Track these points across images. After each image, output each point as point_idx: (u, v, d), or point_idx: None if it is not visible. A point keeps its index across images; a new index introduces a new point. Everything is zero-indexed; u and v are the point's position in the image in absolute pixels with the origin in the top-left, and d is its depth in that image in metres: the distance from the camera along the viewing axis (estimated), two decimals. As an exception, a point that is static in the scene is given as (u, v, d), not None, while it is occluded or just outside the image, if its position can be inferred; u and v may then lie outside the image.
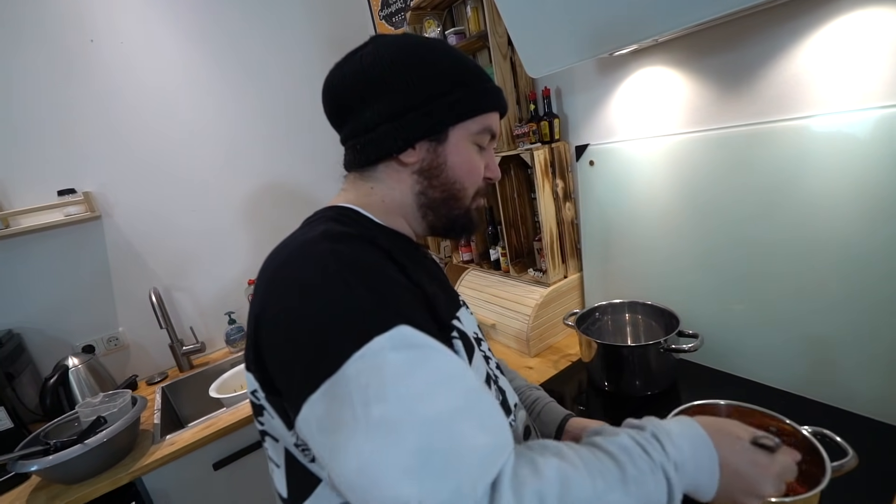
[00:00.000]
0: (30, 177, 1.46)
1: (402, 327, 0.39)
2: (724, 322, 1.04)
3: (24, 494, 1.13)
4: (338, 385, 0.37)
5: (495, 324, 1.44)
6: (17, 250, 1.46)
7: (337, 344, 0.38)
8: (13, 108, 1.42)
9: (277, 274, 0.44)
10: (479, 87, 0.57)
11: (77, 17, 1.49)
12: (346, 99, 0.56)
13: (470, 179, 0.59)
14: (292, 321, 0.41)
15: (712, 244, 1.02)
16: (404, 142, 0.55)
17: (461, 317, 0.58)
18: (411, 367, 0.38)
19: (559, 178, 1.31)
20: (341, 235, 0.46)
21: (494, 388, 0.57)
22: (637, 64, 1.09)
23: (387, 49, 0.55)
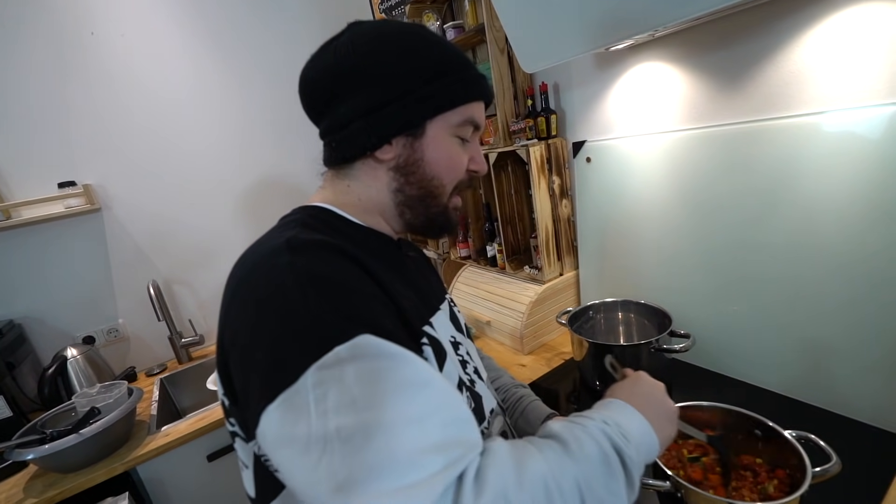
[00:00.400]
0: (30, 169, 1.48)
1: (364, 336, 0.38)
2: (720, 323, 1.02)
3: (21, 482, 1.15)
4: (296, 396, 0.36)
5: (490, 321, 1.44)
6: (18, 241, 1.48)
7: (295, 355, 0.37)
8: (13, 99, 1.43)
9: (239, 287, 0.44)
10: (459, 76, 0.54)
11: (78, 10, 1.50)
12: (320, 93, 0.55)
13: (449, 175, 0.57)
14: (251, 336, 0.40)
15: (709, 244, 1.01)
16: (378, 138, 0.53)
17: (435, 322, 0.56)
18: (373, 377, 0.37)
19: (556, 175, 1.30)
20: (305, 245, 0.44)
21: (467, 394, 0.55)
22: (634, 59, 1.07)
23: (361, 38, 0.52)
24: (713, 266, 1.01)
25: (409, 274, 0.60)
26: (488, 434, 0.58)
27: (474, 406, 0.56)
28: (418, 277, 0.63)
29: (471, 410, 0.53)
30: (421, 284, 0.62)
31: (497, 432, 0.61)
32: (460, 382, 0.55)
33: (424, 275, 0.69)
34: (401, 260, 0.61)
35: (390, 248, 0.60)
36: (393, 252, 0.60)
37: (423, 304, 0.57)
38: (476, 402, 0.57)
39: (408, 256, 0.64)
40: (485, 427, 0.57)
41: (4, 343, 1.35)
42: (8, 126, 1.44)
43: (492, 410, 0.61)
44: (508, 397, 0.81)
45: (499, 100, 1.28)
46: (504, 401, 0.81)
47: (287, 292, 0.40)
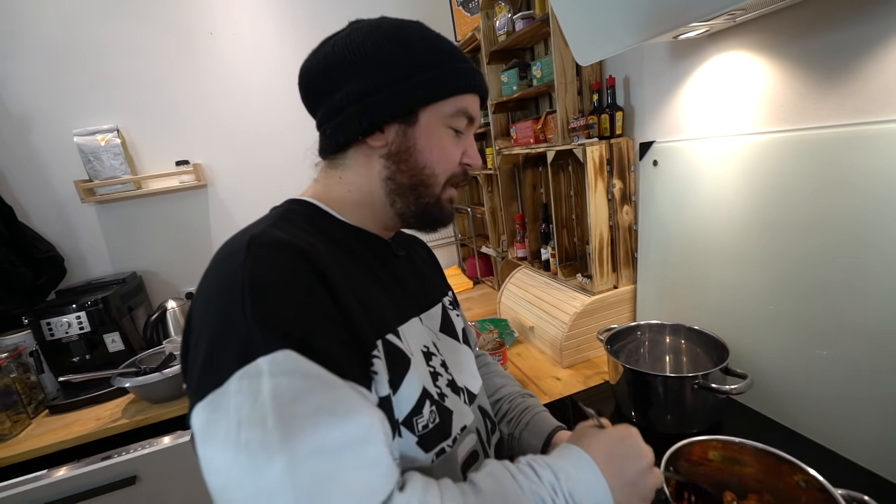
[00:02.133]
0: (156, 148, 1.78)
1: (285, 352, 0.38)
2: (792, 368, 0.85)
3: (122, 404, 1.41)
4: (220, 399, 0.38)
5: (534, 326, 1.38)
6: (144, 208, 1.80)
7: (223, 359, 0.39)
8: (148, 89, 1.73)
9: (203, 278, 0.46)
10: (452, 67, 0.54)
11: (202, 13, 1.75)
12: (317, 83, 0.56)
13: (442, 165, 0.56)
14: (197, 330, 0.43)
15: (790, 273, 0.84)
16: (370, 123, 0.53)
17: (404, 331, 0.54)
18: (286, 397, 0.37)
19: (617, 178, 1.18)
20: (270, 243, 0.45)
21: (433, 407, 0.53)
22: (713, 49, 0.92)
23: (359, 32, 0.54)
24: (791, 299, 0.84)
25: (394, 276, 0.59)
26: (450, 453, 0.54)
27: (438, 421, 0.53)
28: (407, 279, 0.62)
29: (433, 425, 0.52)
30: (407, 287, 0.61)
31: (466, 452, 0.58)
32: (425, 395, 0.52)
33: (417, 275, 0.66)
34: (384, 261, 0.59)
35: (377, 248, 0.59)
36: (378, 252, 0.59)
37: (396, 312, 0.55)
38: (442, 416, 0.54)
39: (397, 256, 0.62)
40: (448, 444, 0.54)
41: (127, 289, 1.66)
42: (143, 111, 1.74)
43: (463, 427, 0.58)
44: (512, 407, 0.77)
45: (559, 94, 1.20)
46: (508, 411, 0.77)
47: (231, 294, 0.41)
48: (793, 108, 0.80)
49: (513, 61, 1.47)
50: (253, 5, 1.80)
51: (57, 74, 1.63)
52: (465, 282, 2.13)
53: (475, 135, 1.89)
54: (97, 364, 1.49)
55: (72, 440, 1.28)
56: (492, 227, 1.86)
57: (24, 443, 1.27)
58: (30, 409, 1.39)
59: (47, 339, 1.42)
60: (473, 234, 2.09)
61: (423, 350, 0.57)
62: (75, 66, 1.64)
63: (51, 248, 1.64)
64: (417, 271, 0.68)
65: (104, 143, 1.65)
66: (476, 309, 1.84)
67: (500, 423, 0.76)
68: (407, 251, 0.68)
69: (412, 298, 0.61)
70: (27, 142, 1.64)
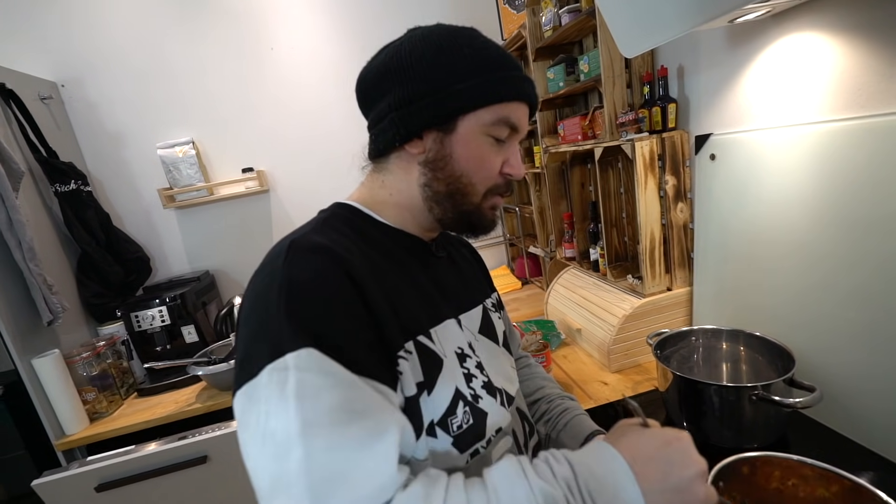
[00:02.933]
0: (225, 156, 1.94)
1: (310, 350, 0.41)
2: (871, 381, 0.76)
3: (196, 390, 1.55)
4: (254, 389, 0.41)
5: (581, 329, 1.34)
6: (215, 212, 1.97)
7: (258, 352, 0.42)
8: (218, 102, 1.90)
9: (252, 277, 0.50)
10: (496, 75, 0.54)
11: (265, 30, 1.88)
12: (370, 89, 0.58)
13: (479, 174, 0.56)
14: (241, 324, 0.47)
15: (868, 275, 0.75)
16: (407, 130, 0.54)
17: (438, 332, 0.55)
18: (308, 392, 0.39)
19: (670, 175, 1.12)
20: (307, 247, 0.48)
21: (466, 408, 0.53)
22: (777, 31, 0.84)
23: (411, 39, 0.55)
24: (871, 305, 0.75)
25: (432, 277, 0.60)
26: (486, 454, 0.55)
27: (472, 423, 0.54)
28: (447, 280, 0.63)
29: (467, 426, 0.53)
30: (446, 288, 0.62)
31: (501, 453, 0.58)
32: (458, 396, 0.53)
33: (458, 276, 0.67)
34: (424, 262, 0.61)
35: (416, 249, 0.61)
36: (417, 253, 0.61)
37: (430, 313, 0.56)
38: (476, 418, 0.54)
39: (437, 257, 0.64)
40: (482, 446, 0.55)
41: (201, 286, 1.83)
42: (213, 124, 1.91)
43: (499, 430, 0.58)
44: (551, 408, 0.76)
45: (607, 88, 1.16)
46: (546, 412, 0.76)
47: (269, 294, 0.45)
48: (873, 92, 0.72)
49: (559, 56, 1.43)
50: (308, 20, 1.91)
51: (143, 94, 1.83)
52: (513, 282, 2.11)
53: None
54: (176, 353, 1.66)
55: (155, 420, 1.43)
56: (540, 226, 1.83)
57: (118, 420, 1.45)
58: (122, 391, 1.58)
59: (136, 330, 1.61)
60: (522, 234, 2.06)
61: (458, 352, 0.57)
62: (158, 85, 1.84)
63: (139, 250, 1.84)
64: (459, 272, 0.68)
65: (182, 155, 1.83)
66: (523, 310, 1.81)
67: (537, 424, 0.75)
68: (449, 252, 0.69)
69: (450, 299, 0.62)
70: (120, 156, 1.86)
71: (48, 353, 1.37)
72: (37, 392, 1.35)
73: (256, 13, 1.86)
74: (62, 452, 1.39)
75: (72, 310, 1.56)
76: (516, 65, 0.56)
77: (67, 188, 1.59)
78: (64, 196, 1.59)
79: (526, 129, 0.59)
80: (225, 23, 1.85)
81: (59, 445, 1.37)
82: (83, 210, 1.63)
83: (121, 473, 1.29)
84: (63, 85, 1.77)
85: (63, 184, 1.58)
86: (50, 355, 1.36)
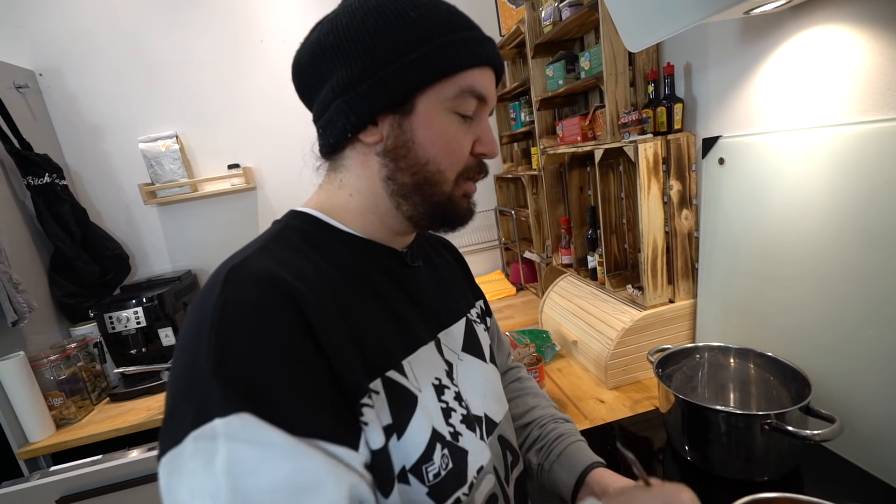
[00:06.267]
0: (210, 152, 1.86)
1: (242, 415, 0.34)
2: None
3: (171, 396, 1.47)
4: (177, 459, 0.34)
5: (577, 341, 1.26)
6: (199, 209, 1.89)
7: (182, 414, 0.35)
8: (201, 96, 1.82)
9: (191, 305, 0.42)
10: (451, 37, 0.44)
11: (254, 21, 1.81)
12: (307, 74, 0.49)
13: (447, 158, 0.48)
14: (172, 365, 0.40)
15: (893, 293, 0.68)
16: (358, 117, 0.45)
17: (411, 364, 0.48)
18: (242, 468, 0.33)
19: (675, 179, 1.05)
20: (248, 277, 0.40)
21: (445, 450, 0.47)
22: (797, 24, 0.77)
23: (347, 8, 0.46)
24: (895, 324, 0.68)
25: (407, 293, 0.53)
26: (469, 500, 0.48)
27: (452, 467, 0.47)
28: (424, 293, 0.55)
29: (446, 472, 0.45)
30: (423, 303, 0.54)
31: (484, 496, 0.50)
32: (435, 437, 0.46)
33: (439, 287, 0.60)
34: (396, 276, 0.53)
35: (386, 261, 0.53)
36: (387, 266, 0.52)
37: (402, 340, 0.49)
38: (456, 460, 0.47)
39: (411, 268, 0.55)
40: (464, 493, 0.47)
41: (182, 286, 1.75)
42: (199, 118, 1.83)
43: (480, 468, 0.50)
44: (544, 434, 0.68)
45: (608, 86, 1.09)
46: (539, 438, 0.69)
47: (198, 338, 0.37)
48: (904, 91, 0.65)
49: (559, 53, 1.36)
50: (300, 11, 1.84)
51: (125, 86, 1.76)
52: (507, 287, 2.03)
53: (516, 135, 1.80)
54: (153, 356, 1.58)
55: (125, 428, 1.36)
56: (536, 231, 1.76)
57: (86, 427, 1.37)
58: (93, 395, 1.50)
59: (109, 332, 1.53)
60: (517, 238, 1.99)
61: (434, 383, 0.50)
62: (141, 77, 1.77)
63: (118, 247, 1.77)
64: (439, 282, 0.60)
65: (164, 149, 1.75)
66: (517, 317, 1.74)
67: (528, 451, 0.68)
68: (429, 259, 0.61)
69: (429, 316, 0.55)
70: (100, 149, 1.78)
71: (12, 355, 1.29)
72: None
73: (246, 3, 1.79)
74: (24, 461, 1.31)
75: (42, 310, 1.49)
76: (473, 24, 0.47)
77: (41, 181, 1.51)
78: (37, 189, 1.51)
79: (494, 99, 0.50)
80: (213, 13, 1.77)
81: (21, 454, 1.30)
82: (58, 204, 1.55)
83: (84, 486, 1.21)
84: (41, 74, 1.70)
85: (36, 176, 1.51)
86: (13, 358, 1.28)
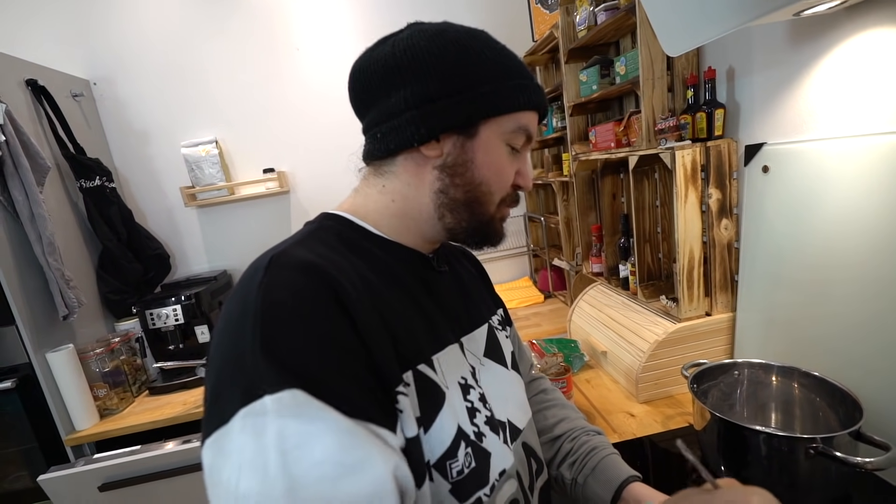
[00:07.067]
0: (247, 156, 1.93)
1: (293, 391, 0.35)
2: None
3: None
4: (224, 439, 0.35)
5: (607, 352, 1.23)
6: (236, 212, 1.96)
7: (228, 394, 0.36)
8: (241, 103, 1.89)
9: (228, 296, 0.44)
10: (517, 82, 0.51)
11: (290, 30, 1.87)
12: (373, 84, 0.52)
13: (497, 183, 0.53)
14: (211, 354, 0.41)
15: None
16: (428, 131, 0.49)
17: (440, 361, 0.49)
18: (292, 442, 0.34)
19: (714, 187, 1.01)
20: (291, 264, 0.42)
21: (468, 449, 0.47)
22: (852, 26, 0.73)
23: (422, 35, 0.50)
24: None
25: (433, 295, 0.54)
26: (490, 501, 0.48)
27: (475, 466, 0.47)
28: (448, 298, 0.57)
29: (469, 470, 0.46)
30: (448, 307, 0.56)
31: (505, 501, 0.50)
32: (460, 435, 0.47)
33: (462, 293, 0.61)
34: (423, 279, 0.55)
35: (415, 264, 0.55)
36: (416, 269, 0.55)
37: (432, 338, 0.50)
38: (479, 460, 0.48)
39: (438, 272, 0.58)
40: (485, 493, 0.48)
41: (218, 285, 1.82)
42: (237, 124, 1.91)
43: (503, 472, 0.51)
44: (576, 447, 0.67)
45: (645, 91, 1.06)
46: (570, 452, 0.67)
47: (243, 321, 0.38)
48: (973, 96, 0.60)
49: (593, 58, 1.34)
50: (336, 20, 1.88)
51: (170, 93, 1.85)
52: (535, 295, 2.01)
53: (547, 141, 1.78)
54: (189, 352, 1.64)
55: (162, 421, 1.41)
56: (566, 238, 1.73)
57: (127, 419, 1.44)
58: (134, 388, 1.57)
59: (150, 328, 1.60)
60: (546, 245, 1.96)
61: (461, 382, 0.51)
62: (185, 85, 1.85)
63: (159, 247, 1.85)
64: (462, 288, 0.62)
65: (205, 154, 1.83)
66: (545, 325, 1.71)
67: (560, 466, 0.67)
68: (451, 266, 0.63)
69: (453, 320, 0.56)
70: (146, 153, 1.88)
71: (62, 347, 1.37)
72: (49, 386, 1.35)
73: (284, 13, 1.85)
74: (71, 448, 1.39)
75: (90, 305, 1.57)
76: (531, 74, 0.54)
77: (92, 184, 1.61)
78: (88, 192, 1.60)
79: (536, 139, 0.57)
80: (252, 23, 1.84)
81: (69, 441, 1.37)
82: (106, 206, 1.64)
83: (124, 474, 1.27)
84: (95, 83, 1.81)
85: (88, 180, 1.60)
86: (64, 350, 1.36)
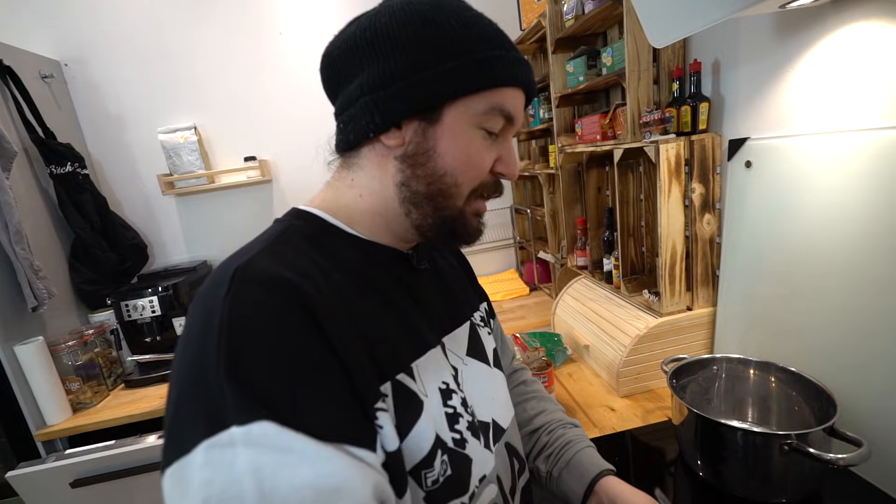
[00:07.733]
0: (227, 144, 1.88)
1: (262, 423, 0.32)
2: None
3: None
4: (185, 471, 0.32)
5: (589, 345, 1.23)
6: (215, 201, 1.91)
7: (191, 422, 0.33)
8: (221, 88, 1.83)
9: (189, 309, 0.40)
10: (490, 54, 0.44)
11: (273, 13, 1.81)
12: (336, 69, 0.48)
13: (466, 173, 0.47)
14: (174, 362, 0.37)
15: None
16: (383, 119, 0.45)
17: (419, 368, 0.47)
18: (267, 472, 0.32)
19: (697, 182, 1.00)
20: (256, 278, 0.38)
21: (445, 457, 0.45)
22: (838, 19, 0.72)
23: (386, 11, 0.45)
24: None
25: (413, 296, 0.52)
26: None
27: (450, 474, 0.45)
28: (429, 297, 0.54)
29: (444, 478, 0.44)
30: (429, 307, 0.53)
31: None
32: (437, 443, 0.45)
33: (443, 290, 0.58)
34: (401, 279, 0.51)
35: (392, 264, 0.51)
36: (394, 269, 0.51)
37: (412, 343, 0.48)
38: (457, 467, 0.46)
39: (417, 270, 0.54)
40: (463, 502, 0.46)
41: (196, 277, 1.78)
42: (217, 110, 1.85)
43: (483, 478, 0.49)
44: (552, 440, 0.66)
45: (630, 83, 1.05)
46: (546, 445, 0.66)
47: (205, 343, 0.35)
48: (954, 93, 0.60)
49: (580, 48, 1.32)
50: (319, 5, 1.83)
51: (147, 77, 1.78)
52: (521, 287, 2.00)
53: (534, 132, 1.76)
54: (167, 345, 1.60)
55: (138, 415, 1.38)
56: (551, 231, 1.72)
57: (101, 413, 1.40)
58: (109, 381, 1.53)
59: (126, 320, 1.55)
60: (532, 238, 1.96)
61: (442, 387, 0.48)
62: (162, 68, 1.78)
63: (136, 236, 1.80)
64: (444, 285, 0.59)
65: (183, 140, 1.77)
66: (529, 318, 1.71)
67: (536, 459, 0.66)
68: (433, 261, 0.60)
69: (434, 320, 0.53)
70: (121, 139, 1.81)
71: (31, 340, 1.32)
72: (18, 380, 1.31)
73: (265, -4, 1.79)
74: (42, 443, 1.35)
75: (62, 296, 1.52)
76: (512, 44, 0.47)
77: (63, 170, 1.54)
78: (59, 178, 1.54)
79: (521, 121, 0.49)
80: (233, 5, 1.78)
81: (39, 436, 1.33)
82: (79, 193, 1.58)
83: (97, 470, 1.24)
84: (66, 64, 1.73)
85: (59, 165, 1.54)
86: (33, 342, 1.31)
